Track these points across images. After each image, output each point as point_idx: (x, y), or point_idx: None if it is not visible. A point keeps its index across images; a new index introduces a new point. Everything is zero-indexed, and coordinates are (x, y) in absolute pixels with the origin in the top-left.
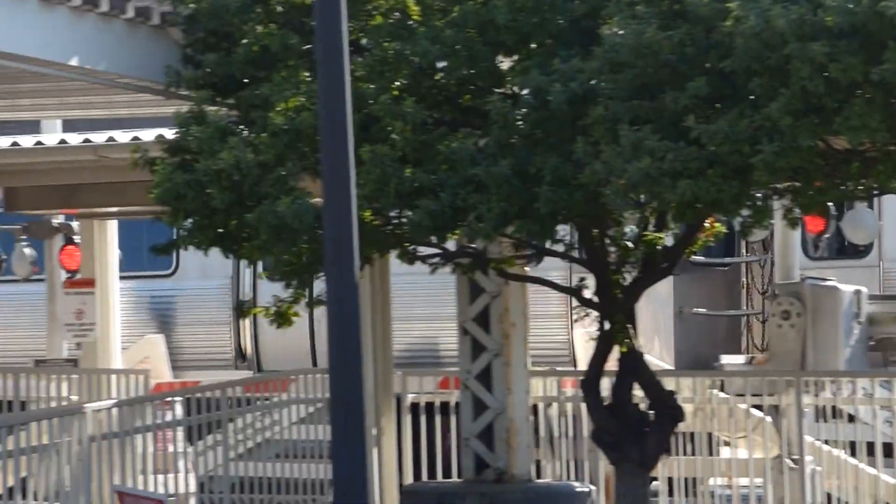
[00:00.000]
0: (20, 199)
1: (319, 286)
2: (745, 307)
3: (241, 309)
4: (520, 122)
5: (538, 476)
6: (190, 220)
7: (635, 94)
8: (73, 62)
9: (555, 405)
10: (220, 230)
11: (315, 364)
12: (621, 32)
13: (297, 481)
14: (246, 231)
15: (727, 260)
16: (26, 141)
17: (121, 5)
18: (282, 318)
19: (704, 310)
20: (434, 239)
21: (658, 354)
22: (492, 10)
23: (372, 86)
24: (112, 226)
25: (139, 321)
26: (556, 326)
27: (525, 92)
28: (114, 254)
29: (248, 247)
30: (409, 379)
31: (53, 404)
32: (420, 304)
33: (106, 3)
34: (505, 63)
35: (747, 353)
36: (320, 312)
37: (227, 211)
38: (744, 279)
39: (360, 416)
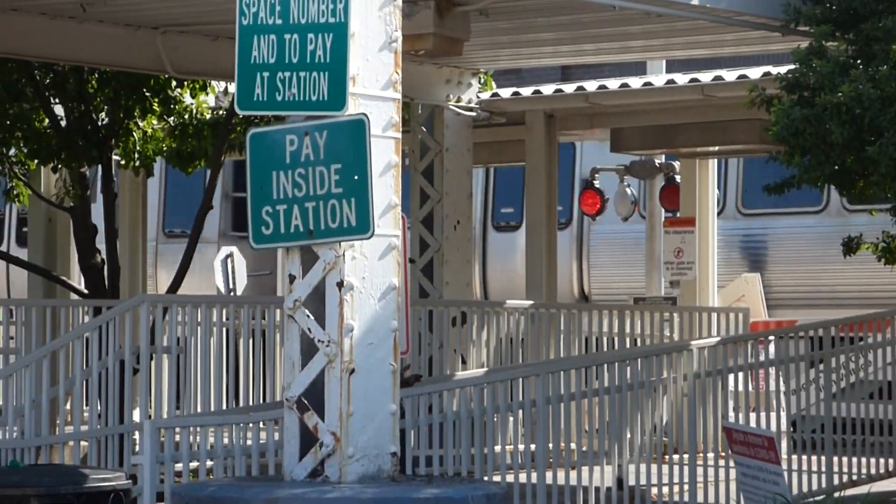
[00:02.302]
0: (625, 140)
1: None
2: None
3: (850, 245)
4: None
5: None
6: (806, 158)
7: None
8: (695, 1)
9: None
10: (836, 167)
11: None
12: None
13: (892, 422)
14: (863, 167)
15: None
16: (634, 82)
17: None
18: (891, 254)
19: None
20: None
21: None
22: None
23: None
24: (712, 165)
25: (732, 259)
26: None
27: None
28: (713, 193)
29: (863, 183)
30: None
31: (653, 342)
32: None
33: None
34: None
35: None
36: None
37: (845, 146)
38: None
39: None
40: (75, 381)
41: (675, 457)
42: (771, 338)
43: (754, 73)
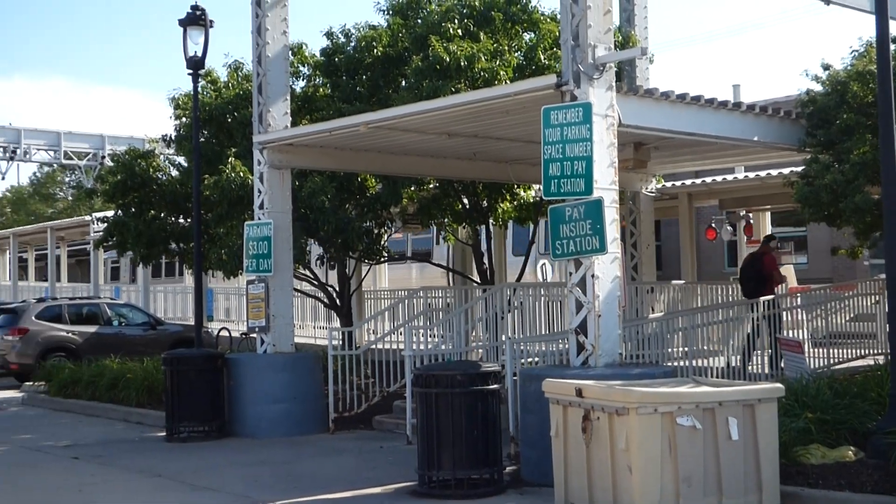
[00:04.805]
0: (726, 204)
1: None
2: None
3: (834, 251)
4: None
5: None
6: (810, 210)
7: None
8: (755, 138)
9: None
10: (826, 213)
11: None
12: None
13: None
14: (839, 214)
15: None
16: (729, 177)
17: (777, 112)
18: (853, 254)
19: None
20: None
21: None
22: None
23: None
24: (767, 214)
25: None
26: None
27: None
28: (769, 228)
29: (840, 220)
30: None
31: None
32: None
33: (770, 110)
34: None
35: None
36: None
37: (829, 204)
38: None
39: None
40: (476, 321)
41: (755, 351)
42: (799, 295)
43: (786, 170)
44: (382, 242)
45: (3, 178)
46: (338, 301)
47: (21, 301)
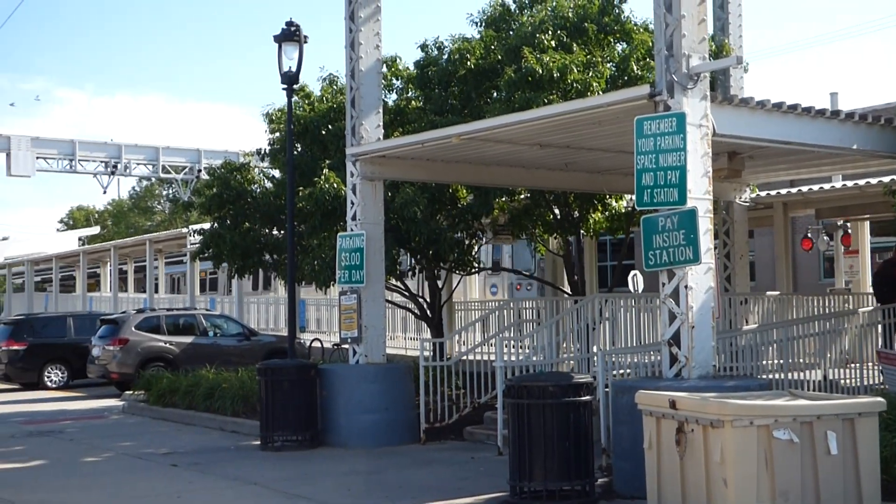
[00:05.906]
0: (822, 214)
1: None
2: None
3: None
4: None
5: None
6: None
7: None
8: (854, 147)
9: None
10: None
11: None
12: None
13: None
14: None
15: None
16: (826, 186)
17: (877, 119)
18: None
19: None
20: None
21: None
22: None
23: None
24: (866, 224)
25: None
26: None
27: None
28: (868, 238)
29: None
30: None
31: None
32: None
33: (870, 118)
34: None
35: None
36: None
37: None
38: None
39: None
40: (567, 333)
41: (853, 364)
42: None
43: (886, 178)
44: (473, 253)
45: (104, 192)
46: (429, 312)
47: (121, 312)
